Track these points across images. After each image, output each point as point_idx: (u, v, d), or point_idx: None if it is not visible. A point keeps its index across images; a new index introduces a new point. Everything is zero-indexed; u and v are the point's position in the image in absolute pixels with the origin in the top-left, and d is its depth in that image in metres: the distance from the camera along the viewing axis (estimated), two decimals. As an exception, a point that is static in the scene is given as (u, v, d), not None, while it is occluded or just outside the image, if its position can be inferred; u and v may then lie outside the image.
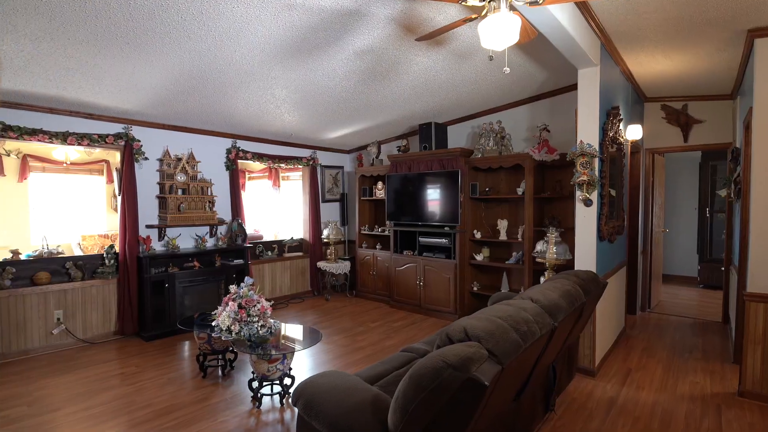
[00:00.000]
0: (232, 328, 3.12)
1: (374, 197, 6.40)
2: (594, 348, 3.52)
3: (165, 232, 4.97)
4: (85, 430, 2.75)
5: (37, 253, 4.44)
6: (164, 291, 4.67)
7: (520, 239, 4.83)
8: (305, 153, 6.55)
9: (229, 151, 5.58)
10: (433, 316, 5.40)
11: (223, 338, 3.16)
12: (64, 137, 4.16)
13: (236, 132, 5.55)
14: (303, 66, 3.63)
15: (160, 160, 4.92)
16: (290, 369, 3.22)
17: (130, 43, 2.99)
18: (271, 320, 3.37)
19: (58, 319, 4.25)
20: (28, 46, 2.93)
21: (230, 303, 3.22)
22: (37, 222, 6.22)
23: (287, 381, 3.19)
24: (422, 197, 5.46)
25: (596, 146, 3.45)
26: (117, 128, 4.59)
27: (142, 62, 3.32)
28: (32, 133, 3.99)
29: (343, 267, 6.41)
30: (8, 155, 5.92)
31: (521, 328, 1.88)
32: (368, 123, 5.59)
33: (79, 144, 4.29)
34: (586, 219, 3.53)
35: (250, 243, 6.00)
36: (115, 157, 5.73)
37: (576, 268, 3.54)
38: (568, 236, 4.17)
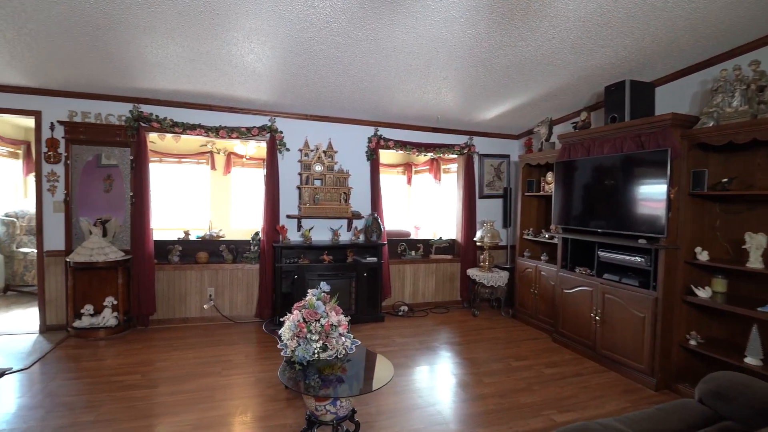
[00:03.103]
0: (289, 344, 2.57)
1: (542, 192, 4.89)
2: None
3: (301, 223, 4.95)
4: (157, 416, 2.71)
5: (203, 235, 5.06)
6: (293, 282, 4.62)
7: (794, 272, 2.64)
8: (459, 139, 5.57)
9: (369, 140, 5.17)
10: (612, 369, 3.64)
11: (281, 354, 2.66)
12: (216, 130, 4.53)
13: (378, 119, 5.09)
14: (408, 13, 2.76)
15: (300, 151, 4.90)
16: (353, 412, 2.46)
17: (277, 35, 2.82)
18: (345, 340, 2.67)
19: (210, 295, 4.71)
20: (186, 50, 3.21)
21: (295, 311, 2.68)
22: (237, 208, 7.37)
23: (349, 429, 2.44)
24: (604, 192, 3.74)
25: None
26: (263, 120, 4.76)
27: (291, 54, 3.32)
28: (192, 128, 4.46)
29: (498, 278, 5.17)
30: (218, 153, 7.18)
31: None
32: (530, 93, 4.20)
33: (230, 137, 4.60)
34: None
35: (392, 240, 5.50)
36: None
37: None
38: None
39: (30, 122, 4.28)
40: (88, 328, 4.13)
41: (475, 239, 5.39)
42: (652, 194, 3.33)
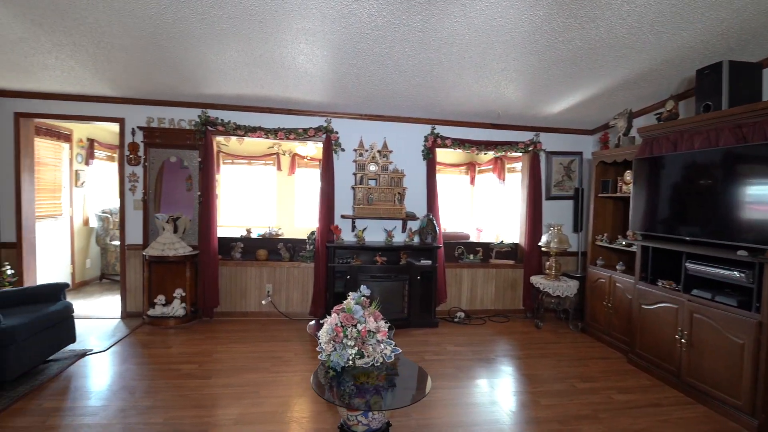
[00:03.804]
0: (325, 347, 2.52)
1: (618, 193, 4.35)
2: None
3: (355, 223, 4.92)
4: (203, 407, 2.81)
5: (264, 233, 5.25)
6: (345, 282, 4.61)
7: None
8: (524, 136, 5.17)
9: (425, 139, 4.99)
10: (700, 401, 3.09)
11: (319, 357, 2.61)
12: (275, 132, 4.67)
13: (434, 116, 4.89)
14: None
15: (355, 151, 4.88)
16: (387, 425, 2.33)
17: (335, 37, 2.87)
18: (384, 348, 2.55)
19: (268, 292, 4.87)
20: (242, 55, 3.37)
21: (334, 314, 2.62)
22: (300, 208, 7.60)
23: (380, 441, 2.31)
24: (697, 194, 3.19)
25: None
26: (320, 121, 4.81)
27: (339, 52, 3.32)
28: (253, 130, 4.64)
29: (565, 287, 4.71)
30: (284, 154, 7.46)
31: None
32: (603, 82, 3.74)
33: (287, 138, 4.72)
34: None
35: (448, 242, 5.27)
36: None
37: None
38: None
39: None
40: (160, 316, 4.48)
41: (540, 244, 4.96)
42: (756, 195, 2.76)
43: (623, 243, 4.22)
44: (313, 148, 6.79)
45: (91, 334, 4.13)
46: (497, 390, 3.27)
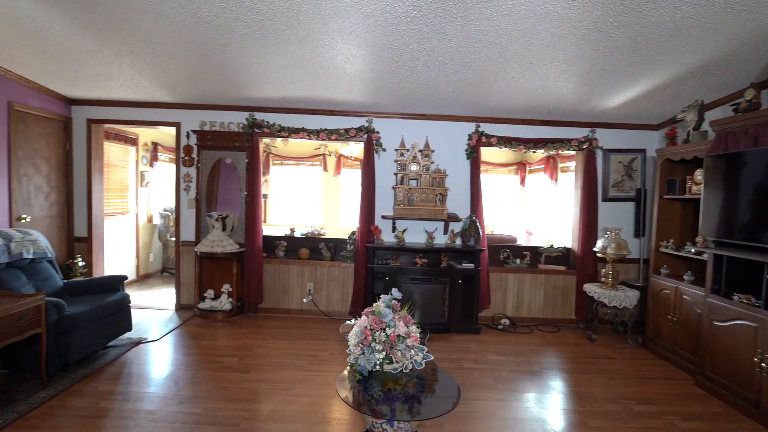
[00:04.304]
0: (353, 350, 2.47)
1: (687, 194, 3.89)
2: None
3: (396, 224, 4.85)
4: (238, 401, 2.88)
5: (306, 232, 5.34)
6: (384, 284, 4.55)
7: None
8: (578, 132, 4.81)
9: (470, 137, 4.80)
10: (786, 438, 2.66)
11: (347, 360, 2.56)
12: (317, 133, 4.73)
13: (478, 114, 4.70)
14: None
15: (396, 150, 4.81)
16: (413, 434, 2.23)
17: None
18: (415, 354, 2.46)
19: (309, 290, 4.94)
20: (282, 57, 3.45)
21: (364, 316, 2.57)
22: (345, 208, 7.68)
23: (406, 451, 2.22)
24: (781, 196, 2.76)
25: None
26: (361, 121, 4.80)
27: (376, 50, 3.28)
28: (297, 132, 4.74)
29: (623, 298, 4.31)
30: (330, 155, 7.58)
31: None
32: (668, 71, 3.36)
33: (329, 138, 4.76)
34: None
35: (493, 245, 5.05)
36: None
37: None
38: None
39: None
40: (209, 310, 4.70)
41: (595, 249, 4.58)
42: None
43: (692, 250, 3.77)
44: (357, 149, 6.80)
45: (148, 323, 4.43)
46: (540, 406, 3.05)
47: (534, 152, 5.04)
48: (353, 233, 4.99)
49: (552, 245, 5.12)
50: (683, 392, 3.32)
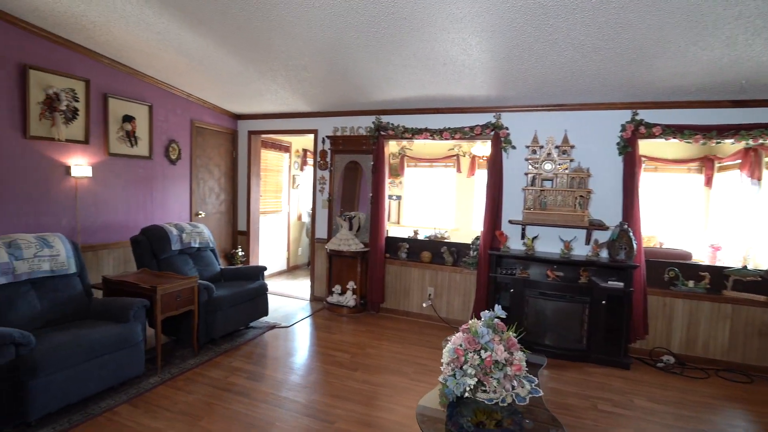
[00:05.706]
0: (444, 369, 2.22)
1: None
2: None
3: (525, 230, 4.32)
4: (339, 398, 2.94)
5: (430, 235, 5.20)
6: (509, 296, 4.10)
7: None
8: (795, 114, 3.47)
9: (623, 128, 3.95)
10: None
11: (439, 378, 2.32)
12: (440, 132, 4.55)
13: (633, 98, 3.82)
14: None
15: (528, 147, 4.28)
16: (505, 480, 1.88)
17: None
18: (518, 386, 2.10)
19: (429, 295, 4.80)
20: (396, 56, 3.45)
21: (459, 333, 2.30)
22: (479, 210, 7.28)
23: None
24: None
25: None
26: (488, 118, 4.44)
27: (494, 35, 2.98)
28: (419, 132, 4.65)
29: None
30: (464, 156, 7.29)
31: None
32: None
33: (452, 137, 4.53)
34: None
35: (654, 261, 4.07)
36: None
37: None
38: None
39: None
40: (336, 304, 4.99)
41: (820, 277, 3.24)
42: None
43: None
44: (488, 149, 6.36)
45: (285, 309, 4.95)
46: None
47: (717, 143, 3.83)
48: (477, 238, 4.64)
49: (746, 266, 3.83)
50: None
